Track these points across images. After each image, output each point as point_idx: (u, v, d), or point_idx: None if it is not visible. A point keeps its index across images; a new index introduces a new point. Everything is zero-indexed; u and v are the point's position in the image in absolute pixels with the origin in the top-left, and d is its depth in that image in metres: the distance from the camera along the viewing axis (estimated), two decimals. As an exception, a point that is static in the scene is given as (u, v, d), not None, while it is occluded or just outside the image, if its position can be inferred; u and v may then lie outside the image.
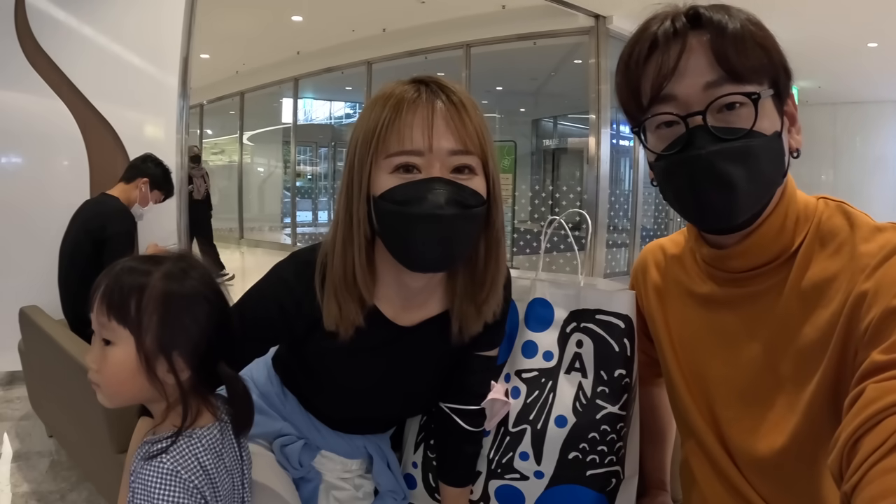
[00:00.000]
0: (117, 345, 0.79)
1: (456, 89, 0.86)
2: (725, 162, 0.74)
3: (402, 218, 0.81)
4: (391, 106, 0.83)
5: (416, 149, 0.81)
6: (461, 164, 0.84)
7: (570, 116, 11.60)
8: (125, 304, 0.79)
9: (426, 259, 0.84)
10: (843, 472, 0.57)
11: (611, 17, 6.49)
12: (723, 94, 0.74)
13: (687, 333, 0.95)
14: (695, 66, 0.75)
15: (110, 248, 2.63)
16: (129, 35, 3.59)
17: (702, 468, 0.93)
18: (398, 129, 0.82)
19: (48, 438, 2.68)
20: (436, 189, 0.81)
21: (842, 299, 0.72)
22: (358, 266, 0.87)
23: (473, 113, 0.85)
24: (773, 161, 0.76)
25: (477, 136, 0.84)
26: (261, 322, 0.93)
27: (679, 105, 0.76)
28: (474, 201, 0.84)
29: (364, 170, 0.84)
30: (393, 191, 0.82)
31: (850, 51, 7.36)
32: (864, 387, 0.60)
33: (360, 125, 0.86)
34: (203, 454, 0.80)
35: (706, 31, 0.75)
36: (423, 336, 0.99)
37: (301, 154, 12.70)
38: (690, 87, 0.75)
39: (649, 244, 1.07)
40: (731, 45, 0.74)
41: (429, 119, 0.82)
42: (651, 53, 0.78)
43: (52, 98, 3.36)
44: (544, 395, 1.09)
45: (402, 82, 0.87)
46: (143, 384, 0.80)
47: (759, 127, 0.74)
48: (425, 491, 1.17)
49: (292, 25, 8.05)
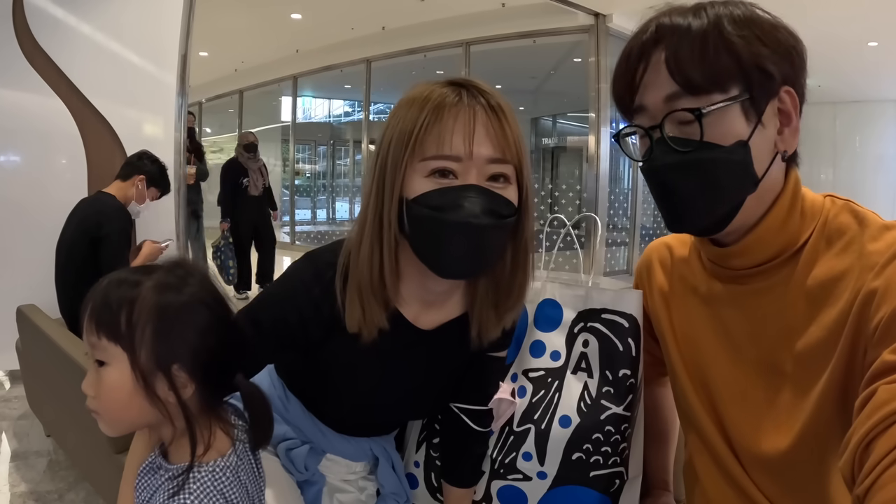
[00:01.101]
0: (111, 365, 0.74)
1: (494, 94, 0.84)
2: (675, 172, 0.77)
3: (437, 224, 0.80)
4: (431, 108, 0.81)
5: (456, 154, 0.80)
6: (497, 172, 0.82)
7: (569, 115, 11.60)
8: (115, 320, 0.74)
9: (455, 266, 0.83)
10: (855, 474, 0.57)
11: (610, 15, 6.48)
12: (675, 108, 0.75)
13: (692, 332, 0.94)
14: (654, 79, 0.77)
15: (107, 246, 2.62)
16: (127, 33, 3.58)
17: (705, 467, 0.92)
18: (438, 133, 0.80)
19: (46, 438, 2.67)
20: (472, 197, 0.79)
21: (850, 298, 0.71)
22: (387, 268, 0.85)
23: (512, 120, 0.83)
24: (731, 170, 0.75)
25: (515, 144, 0.82)
26: (279, 328, 0.90)
27: (648, 116, 0.79)
28: (507, 211, 0.83)
29: (398, 171, 0.82)
30: (428, 195, 0.80)
31: (851, 49, 7.35)
32: (875, 388, 0.59)
33: (394, 125, 0.84)
34: (229, 489, 0.76)
35: (665, 45, 0.75)
36: (442, 339, 0.97)
37: (300, 152, 12.70)
38: (653, 100, 0.77)
39: (654, 242, 1.06)
40: (688, 57, 0.73)
41: (470, 125, 0.80)
42: (626, 66, 0.80)
43: (50, 96, 3.35)
44: (550, 394, 1.08)
45: (439, 84, 0.85)
46: (143, 406, 0.75)
47: (711, 138, 0.74)
48: (427, 491, 1.16)
49: (291, 23, 8.04)
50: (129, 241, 2.76)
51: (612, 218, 7.32)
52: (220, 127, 12.78)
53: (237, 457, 0.79)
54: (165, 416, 0.76)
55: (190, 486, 0.73)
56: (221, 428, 0.80)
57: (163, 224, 3.57)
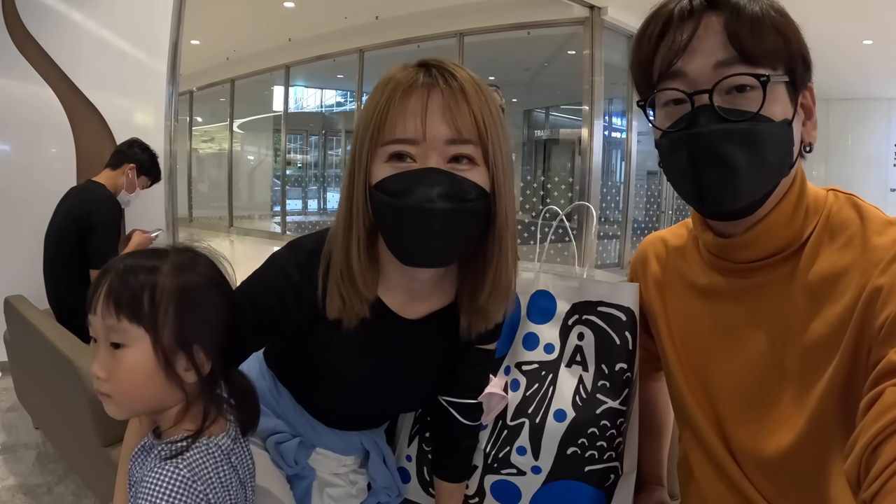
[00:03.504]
0: (131, 346, 0.75)
1: (458, 74, 0.81)
2: (726, 143, 0.72)
3: (393, 210, 0.78)
4: (388, 91, 0.79)
5: (410, 137, 0.78)
6: (458, 153, 0.79)
7: (562, 107, 11.59)
8: (137, 301, 0.74)
9: (419, 254, 0.81)
10: (861, 478, 0.56)
11: (605, 8, 6.45)
12: (732, 73, 0.72)
13: (688, 327, 0.93)
14: (707, 45, 0.73)
15: (96, 235, 2.59)
16: (118, 20, 3.55)
17: (700, 464, 0.91)
18: (392, 117, 0.78)
19: (34, 430, 2.64)
20: (428, 180, 0.77)
21: (854, 294, 0.69)
22: (355, 257, 0.84)
23: (474, 98, 0.79)
24: (778, 149, 0.74)
25: (475, 123, 0.79)
26: (260, 313, 0.89)
27: (688, 82, 0.75)
28: (474, 194, 0.80)
29: (363, 158, 0.81)
30: (386, 181, 0.79)
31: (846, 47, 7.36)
32: (882, 389, 0.58)
33: (363, 111, 0.83)
34: (221, 466, 0.77)
35: (723, 12, 0.73)
36: (429, 330, 0.96)
37: (291, 142, 12.65)
38: (701, 65, 0.73)
39: (649, 236, 1.05)
40: (747, 27, 0.72)
41: (423, 105, 0.78)
42: (665, 31, 0.76)
43: (40, 84, 3.32)
44: (544, 388, 1.07)
45: (405, 66, 0.83)
46: (160, 386, 0.76)
47: (766, 111, 0.72)
48: (419, 485, 1.15)
49: (284, 12, 7.97)
50: (119, 231, 2.73)
51: (603, 211, 7.33)
52: (211, 116, 12.69)
53: (231, 440, 0.81)
54: (180, 394, 0.78)
55: (185, 455, 0.74)
56: (218, 411, 0.81)
57: (152, 213, 3.54)
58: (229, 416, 0.83)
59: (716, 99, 0.73)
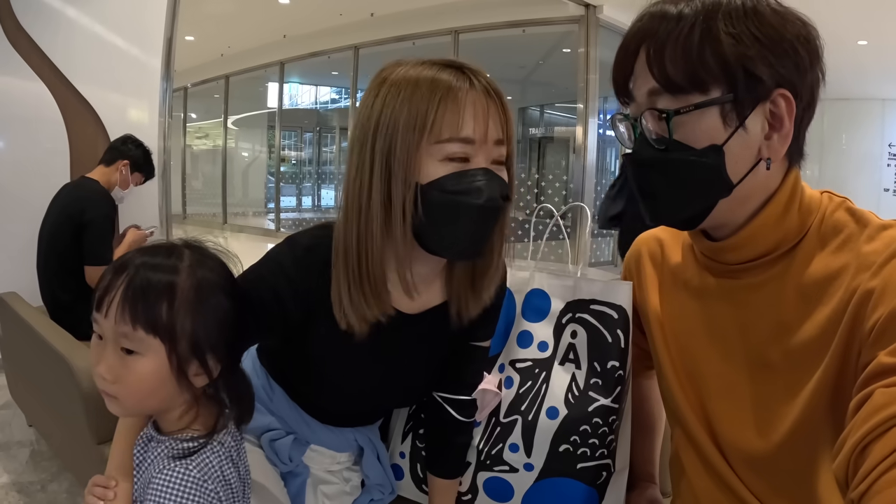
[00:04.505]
0: (145, 355, 0.73)
1: (491, 80, 0.85)
2: (645, 168, 0.79)
3: (455, 207, 0.81)
4: (445, 92, 0.81)
5: (471, 136, 0.81)
6: (501, 154, 0.85)
7: (557, 105, 11.58)
8: (155, 311, 0.72)
9: (465, 247, 0.85)
10: (849, 478, 0.56)
11: (601, 6, 6.44)
12: (652, 106, 0.75)
13: (681, 326, 0.93)
14: (640, 72, 0.77)
15: (90, 232, 2.58)
16: (112, 16, 3.53)
17: (691, 462, 0.92)
18: (450, 116, 0.80)
19: (28, 428, 2.64)
20: (488, 181, 0.82)
21: (845, 297, 0.70)
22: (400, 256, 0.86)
23: (506, 104, 0.86)
24: (697, 174, 0.74)
25: (508, 128, 0.86)
26: (255, 309, 0.90)
27: (636, 106, 0.79)
28: (507, 192, 0.86)
29: (408, 156, 0.81)
30: (445, 179, 0.81)
31: (841, 48, 7.38)
32: (871, 390, 0.59)
33: (397, 109, 0.81)
34: (225, 464, 0.77)
35: (650, 37, 0.74)
36: (426, 325, 0.97)
37: (286, 139, 12.61)
38: (639, 92, 0.78)
39: (644, 234, 1.05)
40: (670, 54, 0.72)
41: (485, 108, 0.82)
42: (621, 54, 0.80)
43: (34, 80, 3.29)
44: (537, 385, 1.08)
45: (436, 66, 0.84)
46: (170, 391, 0.75)
47: (682, 139, 0.74)
48: (412, 482, 1.16)
49: (279, 8, 7.94)
50: (114, 227, 2.72)
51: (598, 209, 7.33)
52: (205, 112, 12.64)
53: (231, 437, 0.81)
54: (190, 397, 0.78)
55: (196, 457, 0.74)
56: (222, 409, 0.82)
57: (146, 210, 3.53)
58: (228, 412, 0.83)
59: (648, 123, 0.77)
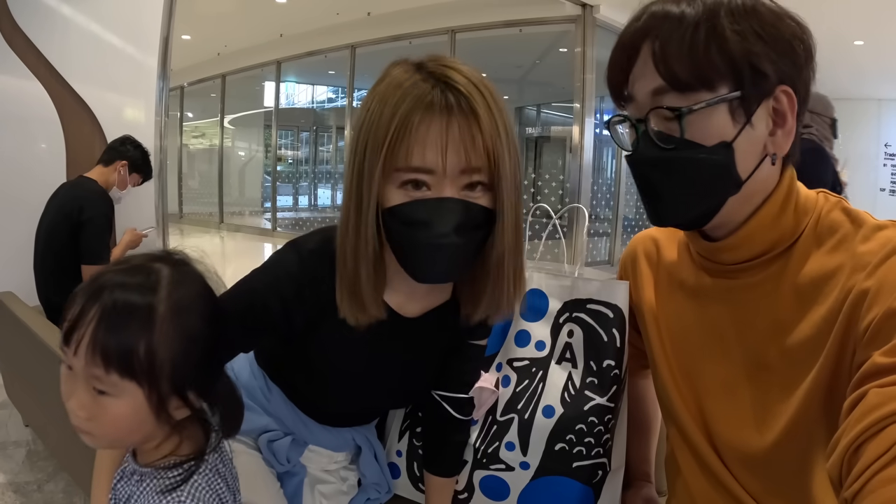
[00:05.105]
0: (120, 398, 0.67)
1: (467, 88, 0.77)
2: (654, 169, 0.78)
3: (407, 239, 0.79)
4: (402, 114, 0.75)
5: (428, 167, 0.76)
6: (472, 181, 0.78)
7: (553, 105, 11.59)
8: (131, 354, 0.66)
9: (430, 276, 0.83)
10: (843, 477, 0.56)
11: (598, 6, 6.46)
12: (660, 104, 0.74)
13: (677, 326, 0.94)
14: (642, 71, 0.76)
15: (88, 231, 2.58)
16: (108, 15, 3.51)
17: (686, 461, 0.92)
18: (409, 144, 0.75)
19: (24, 428, 2.63)
20: (444, 213, 0.76)
21: (840, 297, 0.70)
22: (365, 275, 0.83)
23: (487, 122, 0.77)
24: (709, 172, 0.74)
25: (487, 154, 0.77)
26: (260, 317, 0.88)
27: (636, 107, 0.78)
28: (481, 220, 0.80)
29: (373, 181, 0.78)
30: (400, 209, 0.78)
31: (837, 48, 7.39)
32: (865, 390, 0.59)
33: (367, 127, 0.78)
34: (215, 482, 0.74)
35: (654, 36, 0.74)
36: (428, 326, 0.97)
37: (282, 138, 12.58)
38: (640, 92, 0.77)
39: (639, 234, 1.06)
40: (676, 51, 0.71)
41: (443, 136, 0.75)
42: (618, 55, 0.79)
43: (29, 79, 3.27)
44: (534, 384, 1.08)
45: (411, 71, 0.79)
46: (151, 427, 0.71)
47: (694, 138, 0.73)
48: (409, 481, 1.16)
49: (276, 7, 7.94)
50: (111, 226, 2.72)
51: (594, 208, 7.33)
52: (202, 111, 12.62)
53: (219, 454, 0.79)
54: (168, 429, 0.73)
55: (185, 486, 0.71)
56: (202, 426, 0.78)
57: (143, 209, 3.52)
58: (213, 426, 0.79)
59: (654, 123, 0.76)
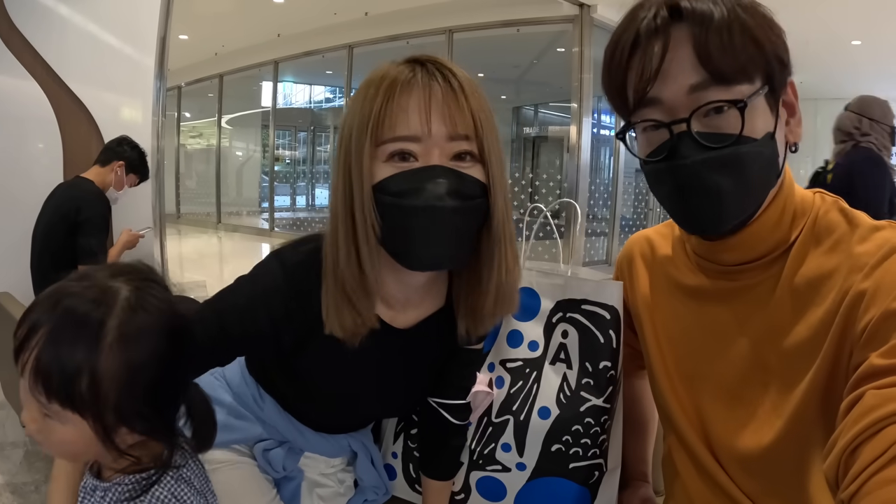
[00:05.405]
0: (64, 425, 0.65)
1: (455, 71, 0.78)
2: (712, 172, 0.71)
3: (400, 210, 0.75)
4: (385, 88, 0.76)
5: (413, 134, 0.75)
6: (461, 150, 0.77)
7: (551, 105, 11.58)
8: (72, 386, 0.62)
9: (426, 256, 0.78)
10: (839, 478, 0.56)
11: (595, 5, 6.46)
12: (708, 100, 0.70)
13: (674, 327, 0.93)
14: (678, 67, 0.70)
15: (85, 231, 2.58)
16: (105, 14, 3.50)
17: (684, 462, 0.92)
18: (391, 114, 0.75)
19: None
20: (435, 178, 0.74)
21: (837, 298, 0.70)
22: (368, 264, 0.79)
23: (472, 96, 0.77)
24: (764, 165, 0.73)
25: (475, 119, 0.77)
26: (248, 333, 0.84)
27: (664, 110, 0.73)
28: (476, 191, 0.78)
29: (362, 159, 0.76)
30: (388, 181, 0.76)
31: (835, 48, 7.40)
32: (862, 391, 0.59)
33: (354, 111, 0.78)
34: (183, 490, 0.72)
35: (689, 26, 0.70)
36: (420, 337, 0.94)
37: (280, 138, 12.60)
38: (675, 91, 0.71)
39: (635, 235, 1.05)
40: (716, 41, 0.68)
41: (426, 101, 0.75)
42: (634, 51, 0.73)
43: (26, 79, 3.27)
44: (528, 385, 1.08)
45: (396, 63, 0.80)
46: (98, 450, 0.68)
47: (748, 132, 0.70)
48: (406, 482, 1.16)
49: (273, 7, 7.94)
50: (108, 226, 2.72)
51: (592, 208, 7.34)
52: (199, 111, 12.61)
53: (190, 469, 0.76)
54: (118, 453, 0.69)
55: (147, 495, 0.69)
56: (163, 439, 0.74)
57: (140, 209, 3.52)
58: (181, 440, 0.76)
59: (694, 125, 0.71)
